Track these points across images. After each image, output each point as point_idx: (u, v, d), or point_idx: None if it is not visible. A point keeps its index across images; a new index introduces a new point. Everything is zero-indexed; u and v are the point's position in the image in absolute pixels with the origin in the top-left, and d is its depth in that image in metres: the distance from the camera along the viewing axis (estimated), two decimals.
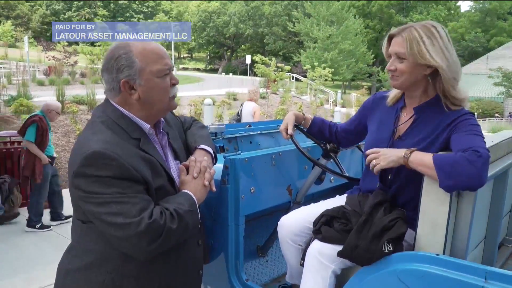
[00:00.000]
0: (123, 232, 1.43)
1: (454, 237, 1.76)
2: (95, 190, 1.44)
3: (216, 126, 2.75)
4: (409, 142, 1.87)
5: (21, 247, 5.00)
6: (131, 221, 1.42)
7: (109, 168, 1.45)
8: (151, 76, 1.59)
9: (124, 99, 1.62)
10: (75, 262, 1.60)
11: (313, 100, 23.94)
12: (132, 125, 1.62)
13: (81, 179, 1.46)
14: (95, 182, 1.44)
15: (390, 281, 1.65)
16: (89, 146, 1.47)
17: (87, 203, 1.47)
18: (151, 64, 1.59)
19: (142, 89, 1.59)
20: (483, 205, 2.11)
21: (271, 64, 21.44)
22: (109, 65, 1.59)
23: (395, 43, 1.87)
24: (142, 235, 1.42)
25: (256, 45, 62.55)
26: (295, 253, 2.13)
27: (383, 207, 1.83)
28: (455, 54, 1.84)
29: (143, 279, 1.60)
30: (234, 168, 2.19)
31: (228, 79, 27.72)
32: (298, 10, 49.47)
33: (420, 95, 1.92)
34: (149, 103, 1.63)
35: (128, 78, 1.57)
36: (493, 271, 1.46)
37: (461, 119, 1.79)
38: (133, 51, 1.57)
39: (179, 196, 1.63)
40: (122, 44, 1.61)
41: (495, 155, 2.05)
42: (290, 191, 2.54)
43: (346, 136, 2.35)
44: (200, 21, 61.29)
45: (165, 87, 1.64)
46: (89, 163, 1.44)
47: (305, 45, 46.49)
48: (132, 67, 1.56)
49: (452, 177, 1.57)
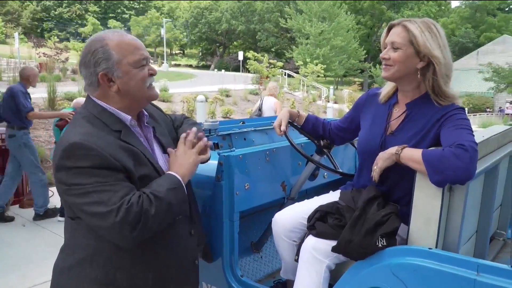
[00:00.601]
0: (105, 221, 1.43)
1: (447, 231, 1.79)
2: (75, 181, 1.46)
3: (210, 123, 2.76)
4: (401, 138, 1.89)
5: (15, 245, 4.98)
6: (111, 209, 1.43)
7: (88, 158, 1.46)
8: (128, 67, 1.61)
9: (104, 92, 1.63)
10: (68, 260, 1.62)
11: (305, 96, 23.96)
12: (112, 118, 1.63)
13: (62, 173, 1.48)
14: (75, 174, 1.46)
15: (384, 275, 1.68)
16: (68, 139, 1.48)
17: (69, 195, 1.49)
18: (128, 55, 1.60)
19: (121, 80, 1.60)
20: (475, 199, 2.14)
21: (264, 61, 21.43)
22: (86, 60, 1.59)
23: (394, 33, 1.91)
24: (123, 221, 1.42)
25: (248, 41, 62.44)
26: (289, 249, 2.15)
27: (376, 202, 1.86)
28: (450, 53, 1.89)
29: (136, 270, 1.61)
30: (228, 164, 2.20)
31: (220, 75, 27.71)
32: (290, 6, 49.45)
33: (412, 90, 1.95)
34: (129, 94, 1.64)
35: (106, 71, 1.58)
36: (485, 264, 1.48)
37: (451, 113, 1.82)
38: (109, 44, 1.58)
39: (159, 179, 1.62)
40: (97, 38, 1.62)
41: (486, 149, 2.08)
42: (284, 187, 2.56)
43: (340, 134, 2.37)
44: (192, 18, 61.05)
45: (143, 77, 1.65)
46: (68, 155, 1.46)
47: (297, 41, 46.48)
48: (109, 60, 1.57)
49: (440, 172, 1.60)
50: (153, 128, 1.80)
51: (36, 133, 9.57)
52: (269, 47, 57.88)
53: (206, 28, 60.46)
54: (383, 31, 1.99)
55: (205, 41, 65.23)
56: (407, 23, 1.87)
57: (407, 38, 1.84)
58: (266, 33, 57.34)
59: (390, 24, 1.96)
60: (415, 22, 1.87)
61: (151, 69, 1.70)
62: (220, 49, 66.19)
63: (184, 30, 64.19)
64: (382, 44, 1.98)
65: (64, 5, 65.83)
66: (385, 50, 1.93)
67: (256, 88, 21.13)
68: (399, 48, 1.87)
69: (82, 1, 67.69)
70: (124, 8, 72.12)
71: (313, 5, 44.38)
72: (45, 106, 11.07)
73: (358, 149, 2.16)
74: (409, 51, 1.85)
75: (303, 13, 45.80)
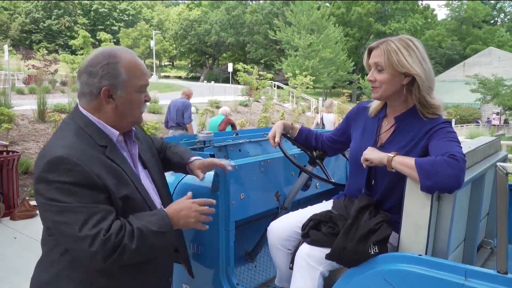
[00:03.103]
0: (79, 245, 1.43)
1: (436, 239, 1.85)
2: (55, 197, 1.44)
3: (205, 134, 2.82)
4: (391, 150, 1.95)
5: (5, 257, 4.96)
6: (86, 235, 1.41)
7: (71, 174, 1.45)
8: (132, 90, 1.63)
9: (98, 105, 1.63)
10: (44, 275, 1.62)
11: (295, 108, 24.09)
12: (99, 132, 1.63)
13: (42, 185, 1.46)
14: (56, 189, 1.44)
15: (376, 281, 1.74)
16: (53, 152, 1.48)
17: (46, 211, 1.48)
18: (135, 79, 1.63)
19: (121, 100, 1.62)
20: (462, 208, 2.21)
21: (253, 72, 21.54)
22: (93, 69, 1.60)
23: (375, 55, 1.98)
24: (97, 251, 1.41)
25: (237, 53, 62.72)
26: (284, 258, 2.20)
27: (368, 211, 1.93)
28: (430, 65, 1.97)
29: (112, 287, 1.62)
30: (224, 175, 2.25)
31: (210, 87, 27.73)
32: (279, 18, 49.84)
33: (400, 104, 2.03)
34: (123, 115, 1.66)
35: (109, 87, 1.60)
36: (473, 270, 1.55)
37: (438, 127, 1.89)
38: (121, 63, 1.60)
39: (154, 215, 1.61)
40: (111, 53, 1.63)
41: (472, 160, 2.16)
42: (278, 197, 2.62)
43: (332, 145, 2.44)
44: (181, 29, 61.20)
45: (140, 102, 1.69)
46: (51, 168, 1.45)
47: (287, 53, 46.80)
48: (117, 78, 1.59)
49: (431, 178, 1.66)
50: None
51: (26, 145, 9.54)
52: (259, 59, 58.20)
53: (196, 40, 60.63)
54: (364, 54, 2.07)
55: (194, 53, 65.39)
56: (385, 44, 1.94)
57: (387, 60, 1.92)
58: (256, 45, 57.66)
59: (369, 47, 2.04)
60: (392, 42, 1.93)
61: (147, 95, 1.73)
62: (210, 60, 66.36)
63: (174, 41, 64.28)
64: (366, 66, 2.06)
65: (53, 17, 65.67)
66: (370, 73, 2.01)
67: (246, 99, 21.23)
68: (382, 70, 1.95)
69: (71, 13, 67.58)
70: (113, 20, 72.14)
71: (301, 18, 44.77)
72: (35, 118, 11.03)
73: (349, 159, 2.23)
74: (392, 71, 1.92)
75: (292, 25, 46.18)
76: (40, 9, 65.53)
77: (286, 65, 42.84)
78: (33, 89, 17.93)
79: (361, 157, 1.92)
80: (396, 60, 1.90)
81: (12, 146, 8.35)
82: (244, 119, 18.06)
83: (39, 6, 65.38)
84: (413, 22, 56.65)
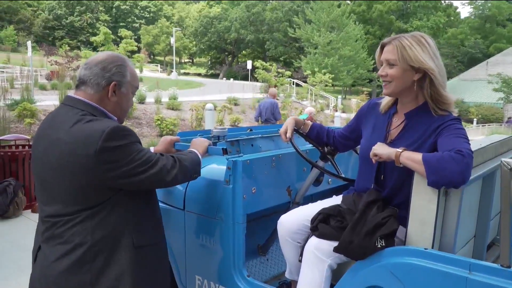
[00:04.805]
0: (154, 169, 1.81)
1: (442, 234, 1.88)
2: (121, 156, 1.73)
3: (219, 130, 2.87)
4: (400, 146, 1.97)
5: (28, 248, 5.09)
6: (157, 158, 1.85)
7: (128, 137, 1.77)
8: (130, 90, 1.97)
9: (103, 96, 1.88)
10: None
11: (313, 105, 24.07)
12: (106, 116, 1.88)
13: (106, 153, 1.69)
14: (120, 149, 1.73)
15: (383, 274, 1.77)
16: (105, 126, 1.72)
17: (116, 169, 1.72)
18: (134, 81, 1.98)
19: (122, 96, 1.92)
20: (472, 205, 2.23)
21: (272, 70, 21.58)
22: (107, 65, 1.87)
23: (387, 51, 2.01)
24: (166, 164, 1.87)
25: (257, 50, 62.80)
26: (294, 250, 2.24)
27: (376, 205, 1.96)
28: (441, 62, 1.99)
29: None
30: (236, 169, 2.30)
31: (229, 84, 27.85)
32: (299, 16, 49.71)
33: (410, 101, 2.05)
34: (120, 109, 1.95)
35: (118, 83, 1.89)
36: (477, 263, 1.58)
37: (447, 124, 1.91)
38: (128, 67, 1.93)
39: (186, 153, 2.13)
40: (122, 57, 1.95)
41: (483, 157, 2.17)
42: (290, 192, 2.66)
43: (343, 141, 2.47)
44: (201, 27, 61.55)
45: (131, 102, 2.04)
46: (112, 136, 1.70)
47: (306, 51, 46.73)
48: (124, 77, 1.91)
49: (437, 172, 1.69)
50: None
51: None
52: (278, 56, 58.17)
53: (215, 37, 60.91)
54: (377, 50, 2.10)
55: (214, 50, 65.69)
56: (398, 40, 1.98)
57: (400, 55, 1.95)
58: (275, 42, 57.65)
59: (382, 43, 2.07)
60: (404, 38, 1.97)
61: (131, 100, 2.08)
62: (229, 58, 66.59)
63: (193, 39, 64.66)
64: (378, 62, 2.09)
65: (75, 14, 66.68)
66: (381, 68, 2.04)
67: (264, 97, 21.27)
68: (394, 65, 1.97)
69: (93, 10, 68.52)
70: (134, 17, 72.92)
71: (321, 15, 44.62)
72: None
73: (359, 155, 2.26)
74: (404, 66, 1.95)
75: (311, 23, 46.06)
76: (63, 5, 66.62)
77: (305, 63, 42.80)
78: (55, 85, 18.29)
79: (370, 152, 1.95)
80: (409, 55, 1.93)
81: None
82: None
83: (62, 3, 66.46)
84: (435, 20, 55.97)
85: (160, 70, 54.55)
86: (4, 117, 9.73)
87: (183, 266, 2.65)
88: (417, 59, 1.92)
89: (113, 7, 72.24)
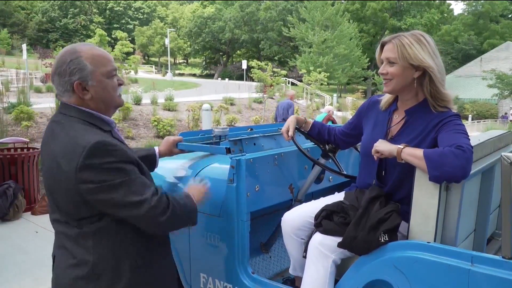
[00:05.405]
0: (140, 209, 1.61)
1: (444, 228, 1.91)
2: (104, 178, 1.57)
3: (221, 129, 2.91)
4: (401, 142, 2.01)
5: (28, 251, 5.11)
6: (145, 198, 1.61)
7: (113, 154, 1.60)
8: (101, 77, 1.73)
9: (79, 99, 1.73)
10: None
11: (309, 104, 24.12)
12: (99, 120, 1.76)
13: (87, 172, 1.56)
14: (104, 170, 1.57)
15: (387, 268, 1.81)
16: (87, 140, 1.58)
17: (98, 193, 1.58)
18: (101, 66, 1.73)
19: (95, 89, 1.72)
20: (472, 200, 2.27)
21: (267, 69, 21.59)
22: (61, 69, 1.69)
23: (387, 50, 2.05)
24: (155, 208, 1.63)
25: (251, 50, 62.82)
26: (297, 247, 2.28)
27: (378, 201, 2.00)
28: (441, 61, 2.04)
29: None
30: (239, 168, 2.33)
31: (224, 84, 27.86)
32: (293, 15, 49.76)
33: (411, 98, 2.09)
34: (101, 101, 1.76)
35: (80, 80, 1.69)
36: (479, 255, 1.62)
37: (447, 120, 1.96)
38: (83, 56, 1.70)
39: (182, 197, 1.88)
40: (71, 50, 1.73)
41: (482, 152, 2.22)
42: (292, 189, 2.69)
43: (344, 138, 2.50)
44: (195, 27, 61.46)
45: (114, 86, 1.80)
46: (94, 153, 1.56)
47: (301, 49, 46.76)
48: (84, 70, 1.69)
49: (439, 168, 1.73)
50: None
51: None
52: (273, 56, 58.24)
53: (210, 37, 60.83)
54: (377, 48, 2.14)
55: (208, 50, 65.63)
56: (398, 39, 2.01)
57: (400, 53, 1.99)
58: (270, 42, 57.67)
59: (382, 41, 2.11)
60: (404, 37, 2.01)
61: (119, 79, 1.85)
62: (224, 58, 66.55)
63: (188, 39, 64.59)
64: (378, 60, 2.13)
65: (69, 16, 66.49)
66: (382, 66, 2.08)
67: (260, 96, 21.31)
68: (394, 63, 2.01)
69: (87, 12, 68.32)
70: (128, 19, 72.85)
71: (315, 14, 44.67)
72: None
73: (360, 152, 2.30)
74: (404, 64, 1.99)
75: (306, 21, 46.10)
76: (57, 8, 66.43)
77: (300, 62, 42.79)
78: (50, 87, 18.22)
79: (372, 149, 1.99)
80: (409, 53, 1.97)
81: (31, 143, 8.53)
82: (258, 116, 18.13)
83: (55, 5, 66.29)
84: (429, 17, 56.16)
85: (155, 71, 54.58)
86: (1, 120, 9.71)
87: (187, 265, 2.68)
88: (416, 57, 1.96)
89: (107, 8, 72.11)
